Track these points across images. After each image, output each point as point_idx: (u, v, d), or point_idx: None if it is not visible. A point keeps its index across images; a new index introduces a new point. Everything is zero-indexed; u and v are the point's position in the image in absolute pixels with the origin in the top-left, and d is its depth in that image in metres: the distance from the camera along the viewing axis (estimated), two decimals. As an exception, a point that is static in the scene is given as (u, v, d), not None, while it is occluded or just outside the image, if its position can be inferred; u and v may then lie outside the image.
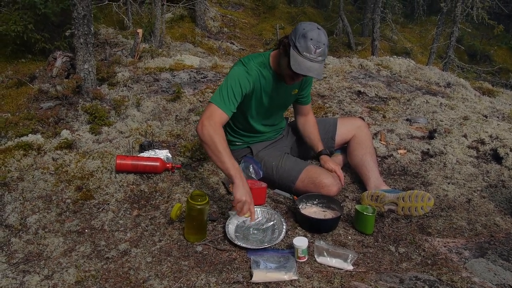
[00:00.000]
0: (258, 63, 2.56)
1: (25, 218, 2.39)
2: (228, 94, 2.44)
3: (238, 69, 2.52)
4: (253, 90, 2.56)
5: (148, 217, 2.44)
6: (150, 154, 3.01)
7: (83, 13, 3.93)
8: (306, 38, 2.30)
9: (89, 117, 3.75)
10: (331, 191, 2.59)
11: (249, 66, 2.53)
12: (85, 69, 4.10)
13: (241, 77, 2.48)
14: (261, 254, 2.09)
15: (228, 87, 2.46)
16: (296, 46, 2.32)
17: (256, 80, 2.55)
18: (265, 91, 2.61)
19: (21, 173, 2.80)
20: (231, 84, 2.46)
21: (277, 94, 2.66)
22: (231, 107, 2.46)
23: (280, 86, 2.62)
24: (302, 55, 2.31)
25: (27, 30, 5.38)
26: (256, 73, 2.54)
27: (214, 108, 2.43)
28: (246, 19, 11.43)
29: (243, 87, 2.48)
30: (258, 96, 2.62)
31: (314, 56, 2.31)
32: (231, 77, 2.49)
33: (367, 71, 5.42)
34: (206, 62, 5.65)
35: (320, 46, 2.31)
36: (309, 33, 2.30)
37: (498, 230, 2.48)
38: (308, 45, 2.29)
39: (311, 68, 2.32)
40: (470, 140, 3.45)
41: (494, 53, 12.52)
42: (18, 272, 1.99)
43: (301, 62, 2.32)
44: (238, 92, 2.46)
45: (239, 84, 2.47)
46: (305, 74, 2.35)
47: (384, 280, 1.98)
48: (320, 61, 2.32)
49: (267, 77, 2.57)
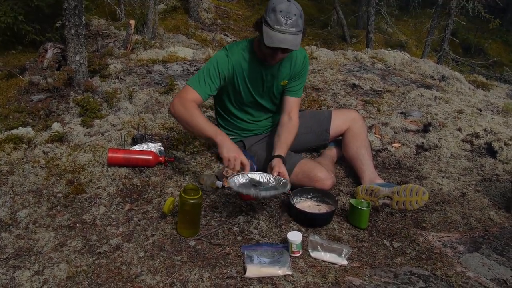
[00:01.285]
0: (241, 48, 2.56)
1: (15, 213, 2.35)
2: (204, 77, 2.48)
3: (219, 53, 2.55)
4: (234, 74, 2.56)
5: (140, 211, 2.41)
6: (143, 147, 2.97)
7: (74, 4, 3.86)
8: (275, 11, 2.27)
9: (81, 109, 3.70)
10: (325, 185, 2.57)
11: (231, 51, 2.54)
12: (77, 61, 4.04)
13: (220, 61, 2.50)
14: (255, 249, 2.08)
15: (205, 70, 2.49)
16: (266, 21, 2.31)
17: (237, 64, 2.54)
18: (249, 75, 2.59)
19: (11, 166, 2.76)
20: (208, 67, 2.49)
21: (262, 80, 2.63)
22: (207, 89, 2.48)
23: (266, 72, 2.60)
24: (274, 29, 2.28)
25: (17, 21, 5.31)
26: (238, 57, 2.53)
27: (188, 89, 2.48)
28: (240, 10, 11.37)
29: (220, 70, 2.49)
30: (243, 81, 2.61)
31: (285, 28, 2.27)
32: (210, 61, 2.52)
33: (361, 63, 5.40)
34: (200, 54, 5.60)
35: (291, 17, 2.27)
36: (278, 6, 2.28)
37: (492, 224, 2.48)
38: (278, 18, 2.26)
39: (284, 40, 2.29)
40: (465, 134, 3.45)
41: (489, 47, 12.56)
42: (8, 267, 1.96)
43: (273, 35, 2.29)
44: (215, 75, 2.49)
45: (217, 67, 2.49)
46: (278, 46, 2.31)
47: (379, 274, 1.97)
48: (293, 33, 2.29)
49: (250, 61, 2.56)
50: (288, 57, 2.61)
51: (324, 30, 11.91)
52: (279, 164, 2.44)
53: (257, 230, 2.28)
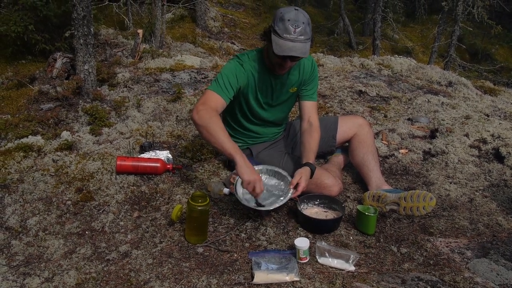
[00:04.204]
0: (252, 57, 2.58)
1: (25, 220, 2.38)
2: (224, 82, 2.47)
3: (233, 62, 2.56)
4: (247, 84, 2.58)
5: (148, 218, 2.43)
6: (151, 155, 3.00)
7: (82, 14, 3.92)
8: (283, 20, 2.29)
9: (90, 118, 3.74)
10: (333, 191, 2.58)
11: (243, 60, 2.56)
12: (85, 70, 4.09)
13: (237, 70, 2.52)
14: (263, 255, 2.08)
15: (224, 76, 2.49)
16: (275, 30, 2.32)
17: (250, 74, 2.56)
18: (259, 85, 2.61)
19: (21, 175, 2.79)
20: (226, 74, 2.50)
21: (272, 90, 2.65)
22: (228, 93, 2.48)
23: (275, 81, 2.62)
24: (283, 37, 2.30)
25: (27, 31, 5.36)
26: (249, 67, 2.56)
27: (210, 93, 2.46)
28: (247, 18, 11.42)
29: (238, 78, 2.51)
30: (253, 91, 2.63)
31: (294, 36, 2.29)
32: (227, 69, 2.52)
33: (368, 70, 5.40)
34: (207, 62, 5.64)
35: (299, 25, 2.28)
36: (286, 15, 2.30)
37: (500, 229, 2.47)
38: (287, 26, 2.28)
39: (293, 48, 2.30)
40: (472, 139, 3.44)
41: (496, 52, 12.50)
42: (18, 274, 1.99)
43: (282, 44, 2.30)
44: (234, 82, 2.50)
45: (235, 75, 2.50)
46: (288, 54, 2.32)
47: (386, 280, 1.96)
48: (302, 41, 2.30)
49: (260, 70, 2.58)
50: (296, 64, 2.63)
51: (330, 37, 11.95)
52: (301, 174, 2.43)
53: (265, 236, 2.29)
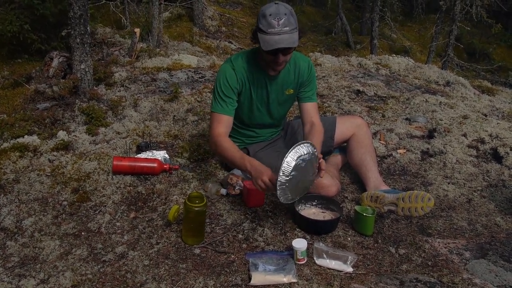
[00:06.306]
0: (245, 59, 2.58)
1: (20, 221, 2.36)
2: (222, 97, 2.54)
3: (224, 67, 2.58)
4: (242, 86, 2.59)
5: (145, 219, 2.41)
6: (148, 155, 2.98)
7: (79, 13, 3.89)
8: (265, 16, 2.29)
9: (86, 117, 3.71)
10: (330, 191, 2.57)
11: (236, 63, 2.56)
12: (82, 69, 4.07)
13: (228, 75, 2.54)
14: (260, 257, 2.07)
15: (219, 90, 2.54)
16: (260, 28, 2.32)
17: (243, 76, 2.56)
18: (254, 87, 2.61)
19: (16, 175, 2.77)
20: (219, 85, 2.54)
21: (267, 91, 2.64)
22: (230, 106, 2.54)
23: (271, 82, 2.61)
24: (268, 33, 2.28)
25: (23, 30, 5.34)
26: (242, 70, 2.56)
27: (215, 116, 2.55)
28: (245, 18, 11.39)
29: (231, 84, 2.54)
30: (248, 93, 2.62)
31: (279, 28, 2.27)
32: (218, 78, 2.57)
33: (366, 70, 5.40)
34: (204, 61, 5.62)
35: (281, 17, 2.27)
36: (267, 11, 2.29)
37: (498, 230, 2.46)
38: (269, 21, 2.27)
39: (279, 40, 2.28)
40: (470, 139, 3.43)
41: (493, 51, 12.52)
42: (13, 276, 1.97)
43: (269, 39, 2.29)
44: (228, 90, 2.54)
45: (227, 82, 2.53)
46: (275, 47, 2.30)
47: (384, 282, 1.95)
48: (288, 31, 2.28)
49: (255, 71, 2.57)
50: (292, 66, 2.62)
51: (328, 37, 11.93)
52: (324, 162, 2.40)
53: (262, 237, 2.27)
